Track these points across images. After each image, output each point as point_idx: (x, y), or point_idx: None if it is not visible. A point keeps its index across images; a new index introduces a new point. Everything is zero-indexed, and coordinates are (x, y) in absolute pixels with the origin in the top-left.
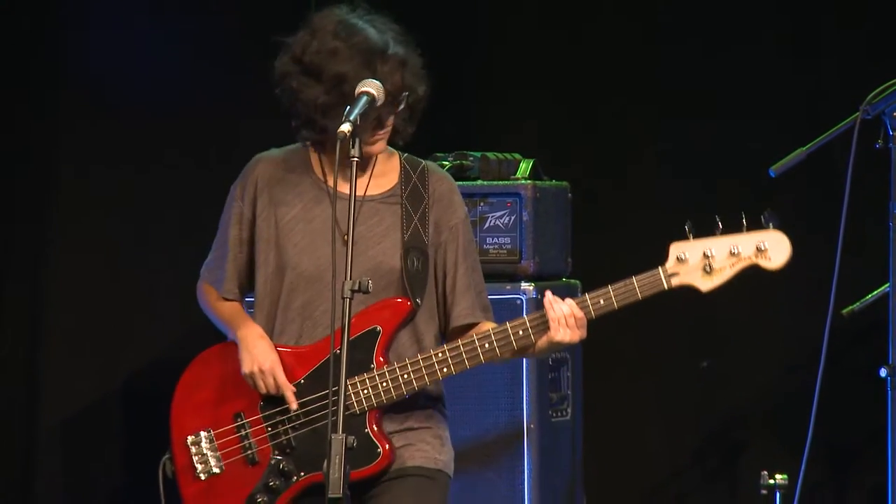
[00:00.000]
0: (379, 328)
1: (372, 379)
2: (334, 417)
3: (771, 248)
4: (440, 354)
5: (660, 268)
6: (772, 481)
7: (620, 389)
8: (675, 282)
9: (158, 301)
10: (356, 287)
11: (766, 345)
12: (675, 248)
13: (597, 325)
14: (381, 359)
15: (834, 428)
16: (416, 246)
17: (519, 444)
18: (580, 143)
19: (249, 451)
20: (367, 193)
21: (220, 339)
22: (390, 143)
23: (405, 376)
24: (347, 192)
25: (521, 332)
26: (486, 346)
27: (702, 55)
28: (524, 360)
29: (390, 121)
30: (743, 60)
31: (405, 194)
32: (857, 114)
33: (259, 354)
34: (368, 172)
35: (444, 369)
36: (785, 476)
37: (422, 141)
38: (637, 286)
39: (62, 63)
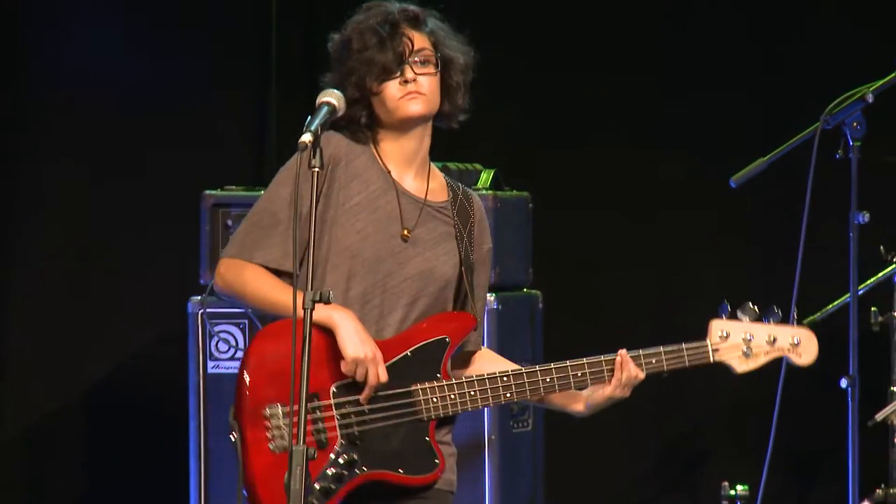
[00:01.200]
0: (448, 339)
1: (442, 388)
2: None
3: (803, 344)
4: (505, 379)
5: (707, 341)
6: (732, 492)
7: None
8: (717, 357)
9: (123, 308)
10: (317, 297)
11: None
12: (717, 325)
13: (557, 336)
14: (447, 370)
15: (795, 438)
16: (467, 263)
17: (480, 456)
18: (541, 154)
19: (322, 435)
20: (428, 198)
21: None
22: (442, 129)
23: (472, 393)
24: (411, 190)
25: (579, 374)
26: (547, 379)
27: (660, 67)
28: None
29: (421, 80)
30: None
31: (455, 209)
32: (818, 124)
33: (368, 341)
34: (425, 176)
35: (508, 394)
36: (746, 486)
37: None
38: (686, 355)
39: (29, 67)
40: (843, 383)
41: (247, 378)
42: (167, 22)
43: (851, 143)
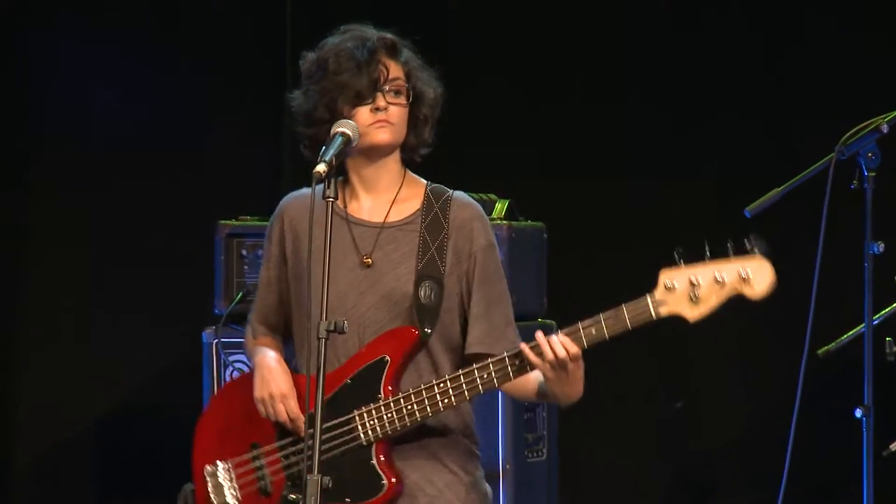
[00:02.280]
0: (387, 357)
1: (378, 409)
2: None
3: (753, 275)
4: (441, 385)
5: (647, 296)
6: None
7: (596, 430)
8: (663, 311)
9: (138, 338)
10: (332, 328)
11: (741, 385)
12: (664, 276)
13: None
14: (390, 388)
15: (810, 469)
16: (430, 275)
17: (495, 485)
18: (556, 184)
19: (263, 482)
20: (387, 220)
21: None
22: (410, 163)
23: (409, 407)
24: (366, 217)
25: (517, 362)
26: (484, 376)
27: (674, 98)
28: (500, 399)
29: (392, 109)
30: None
31: (425, 223)
32: (833, 154)
33: (270, 380)
34: (391, 198)
35: (445, 400)
36: None
37: None
38: (627, 315)
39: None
40: (858, 413)
41: (195, 442)
42: (181, 51)
43: (866, 174)
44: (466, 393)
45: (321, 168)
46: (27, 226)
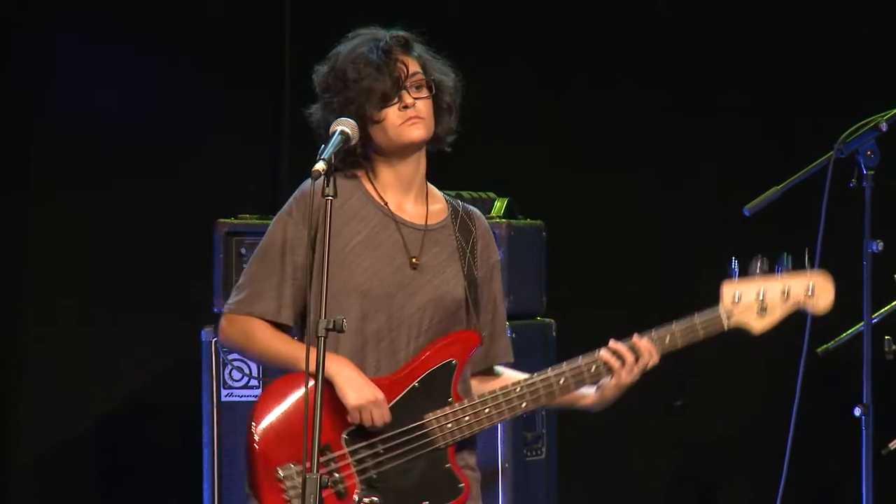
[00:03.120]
0: (454, 361)
1: (455, 413)
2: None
3: (818, 291)
4: (518, 389)
5: (720, 307)
6: None
7: (595, 428)
8: (732, 323)
9: (137, 337)
10: (331, 326)
11: (740, 383)
12: (728, 288)
13: None
14: (459, 392)
15: (809, 467)
16: (472, 280)
17: (494, 484)
18: (555, 182)
19: (340, 486)
20: (428, 222)
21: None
22: (437, 150)
23: (487, 411)
24: (410, 219)
25: (592, 369)
26: (561, 381)
27: (674, 95)
28: None
29: (419, 104)
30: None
31: (456, 226)
32: (831, 153)
33: (365, 386)
34: (424, 199)
35: (524, 404)
36: None
37: None
38: (699, 327)
39: (40, 99)
40: (857, 412)
41: (255, 444)
42: (180, 50)
43: (865, 172)
44: (543, 398)
45: (320, 166)
46: (27, 225)
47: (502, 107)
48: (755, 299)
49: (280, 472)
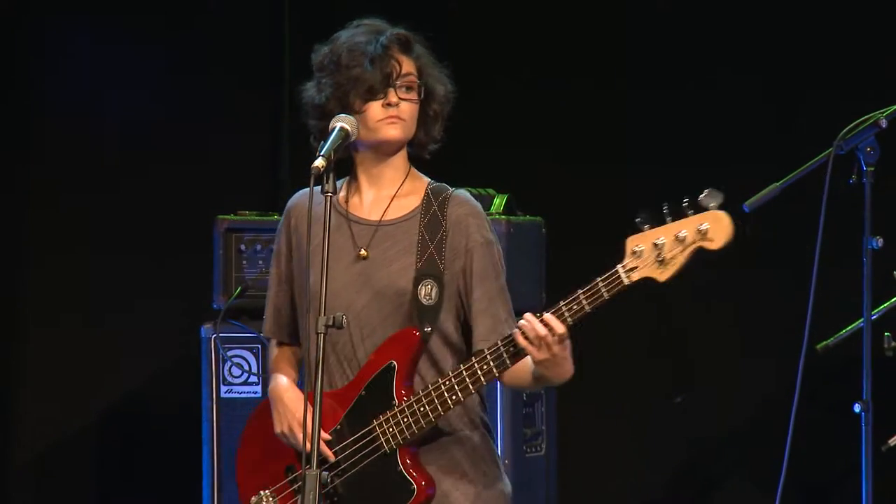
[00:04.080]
0: (394, 363)
1: (394, 416)
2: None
3: (712, 229)
4: (447, 382)
5: (618, 265)
6: None
7: (595, 425)
8: (634, 276)
9: (137, 333)
10: (330, 322)
11: (739, 380)
12: (630, 243)
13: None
14: (403, 392)
15: (808, 464)
16: (430, 274)
17: None
18: (555, 179)
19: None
20: (384, 218)
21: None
22: (416, 159)
23: (422, 409)
24: (366, 216)
25: (511, 349)
26: (484, 367)
27: (673, 93)
28: (498, 394)
29: (403, 105)
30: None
31: (424, 222)
32: (831, 149)
33: (285, 412)
34: (391, 195)
35: (453, 396)
36: None
37: None
38: (602, 287)
39: (40, 93)
40: (857, 408)
41: (237, 473)
42: (180, 47)
43: (865, 169)
44: (471, 386)
45: (319, 163)
46: (27, 224)
47: (502, 103)
48: (652, 249)
49: (252, 500)
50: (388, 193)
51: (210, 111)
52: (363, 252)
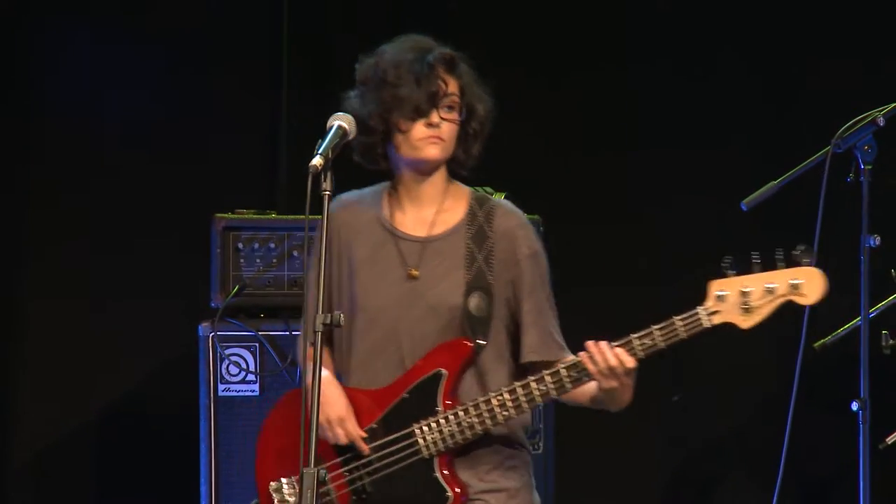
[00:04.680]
0: (443, 371)
1: (437, 423)
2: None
3: (805, 285)
4: (499, 397)
5: (699, 308)
6: None
7: (592, 423)
8: (716, 320)
9: (134, 332)
10: (328, 321)
11: (737, 378)
12: (714, 287)
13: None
14: (448, 401)
15: (806, 462)
16: (479, 286)
17: None
18: (554, 177)
19: (328, 498)
20: (431, 233)
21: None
22: (455, 174)
23: (468, 420)
24: (413, 232)
25: (573, 374)
26: (542, 388)
27: (674, 85)
28: None
29: (444, 126)
30: (717, 92)
31: (470, 233)
32: (829, 147)
33: (325, 404)
34: (435, 210)
35: (505, 412)
36: None
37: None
38: (680, 327)
39: (37, 93)
40: (854, 406)
41: (256, 458)
42: (178, 46)
43: (862, 167)
44: (525, 405)
45: (317, 161)
46: (26, 222)
47: (501, 102)
48: (738, 296)
49: (272, 485)
50: (432, 209)
51: (208, 110)
52: (413, 272)
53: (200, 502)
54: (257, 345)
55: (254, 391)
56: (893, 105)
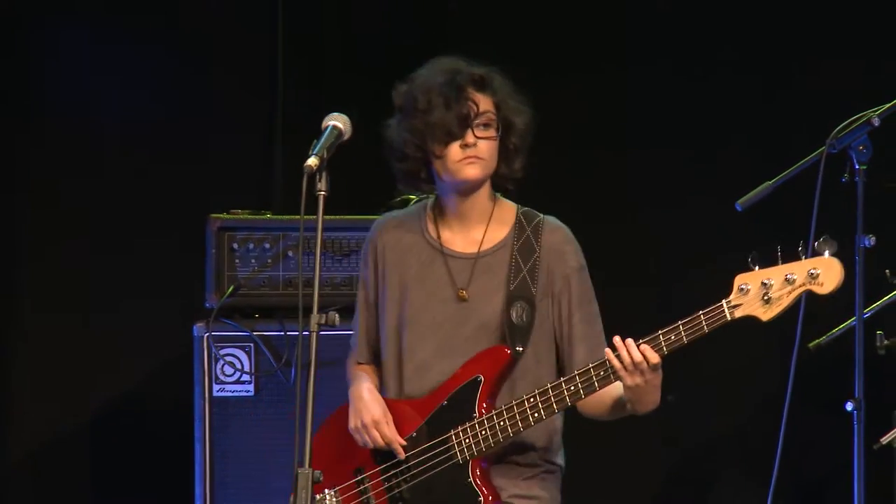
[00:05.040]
0: (480, 377)
1: (472, 427)
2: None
3: (823, 274)
4: (531, 399)
5: (724, 301)
6: None
7: (586, 423)
8: (737, 313)
9: (129, 332)
10: (323, 321)
11: (732, 378)
12: (739, 280)
13: None
14: (484, 407)
15: (801, 462)
16: (522, 296)
17: None
18: (553, 175)
19: None
20: (482, 249)
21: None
22: (499, 187)
23: (501, 423)
24: (462, 250)
25: (601, 373)
26: (571, 388)
27: (672, 85)
28: None
29: (481, 144)
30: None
31: (517, 246)
32: (824, 148)
33: (362, 409)
34: (484, 227)
35: (535, 414)
36: None
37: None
38: (703, 320)
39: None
40: (849, 406)
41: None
42: (174, 46)
43: (857, 167)
44: (555, 405)
45: (312, 161)
46: (23, 221)
47: None
48: (760, 288)
49: (317, 497)
50: (481, 226)
51: (203, 111)
52: (463, 293)
53: (195, 502)
54: (252, 345)
55: (248, 391)
56: (889, 105)
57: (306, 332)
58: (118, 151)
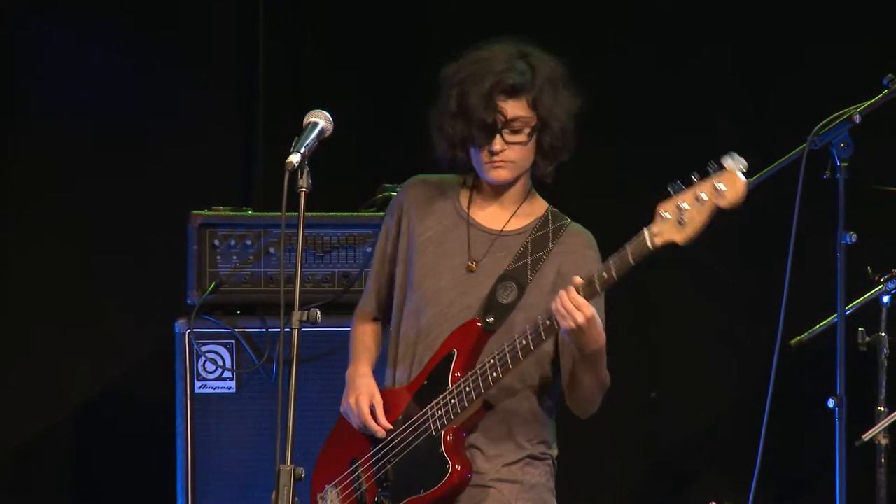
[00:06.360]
0: (454, 350)
1: (444, 397)
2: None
3: (726, 186)
4: (490, 360)
5: (644, 229)
6: None
7: (569, 420)
8: (658, 241)
9: (110, 328)
10: (305, 318)
11: (714, 375)
12: (660, 209)
13: None
14: (458, 375)
15: (782, 458)
16: (514, 278)
17: None
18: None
19: (358, 493)
20: (504, 228)
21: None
22: (538, 184)
23: (466, 388)
24: (485, 223)
25: (547, 322)
26: (523, 341)
27: (656, 78)
28: None
29: (510, 149)
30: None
31: (534, 235)
32: (805, 145)
33: (354, 388)
34: (512, 210)
35: (494, 373)
36: None
37: (375, 169)
38: (629, 252)
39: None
40: (831, 403)
41: (314, 473)
42: (153, 42)
43: (839, 164)
44: (510, 361)
45: (294, 158)
46: (2, 219)
47: None
48: (676, 212)
49: (318, 497)
50: (511, 209)
51: (183, 107)
52: (472, 265)
53: (177, 499)
54: (234, 342)
55: (230, 388)
56: (870, 102)
57: (288, 329)
58: (99, 149)
